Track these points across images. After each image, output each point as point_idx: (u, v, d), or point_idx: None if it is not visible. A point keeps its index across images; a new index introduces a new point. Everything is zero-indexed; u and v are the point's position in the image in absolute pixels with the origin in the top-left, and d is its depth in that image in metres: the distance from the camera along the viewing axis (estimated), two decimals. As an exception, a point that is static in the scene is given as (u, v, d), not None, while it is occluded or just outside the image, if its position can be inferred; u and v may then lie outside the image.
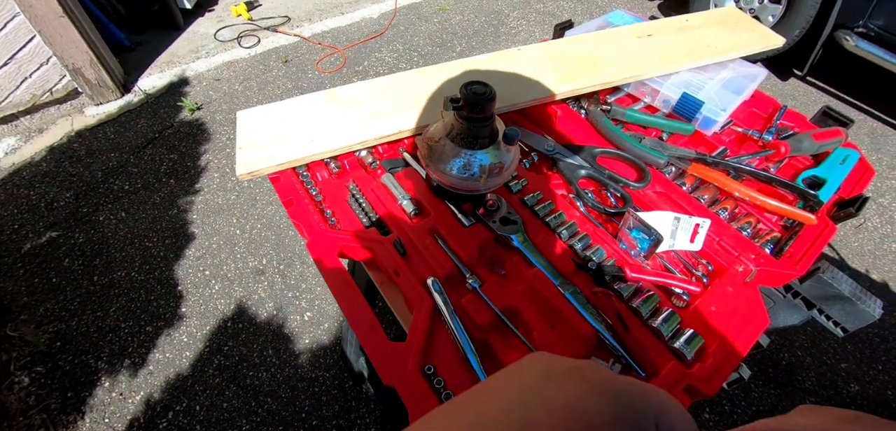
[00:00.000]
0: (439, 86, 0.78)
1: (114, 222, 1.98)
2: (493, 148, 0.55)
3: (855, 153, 0.76)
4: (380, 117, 0.74)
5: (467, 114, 0.51)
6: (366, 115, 0.74)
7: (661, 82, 0.82)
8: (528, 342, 0.54)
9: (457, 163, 0.55)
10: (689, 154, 0.73)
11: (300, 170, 0.70)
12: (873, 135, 2.38)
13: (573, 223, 0.65)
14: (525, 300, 0.58)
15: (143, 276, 1.79)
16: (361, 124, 0.73)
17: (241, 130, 0.73)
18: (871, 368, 1.55)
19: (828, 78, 2.60)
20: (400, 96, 0.77)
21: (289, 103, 0.76)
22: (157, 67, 2.72)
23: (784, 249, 0.64)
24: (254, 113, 0.75)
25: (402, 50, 2.89)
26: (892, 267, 1.84)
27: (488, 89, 0.49)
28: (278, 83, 2.63)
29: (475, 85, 0.49)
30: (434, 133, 0.57)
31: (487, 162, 0.55)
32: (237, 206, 2.03)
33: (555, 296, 0.58)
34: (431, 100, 0.76)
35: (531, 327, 0.55)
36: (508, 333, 0.55)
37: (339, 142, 0.71)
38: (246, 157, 0.69)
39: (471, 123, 0.52)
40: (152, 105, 2.53)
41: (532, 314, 0.57)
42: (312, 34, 2.98)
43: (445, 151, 0.55)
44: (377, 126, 0.72)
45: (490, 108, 0.50)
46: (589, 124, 0.79)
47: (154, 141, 2.34)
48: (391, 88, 0.79)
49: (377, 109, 0.75)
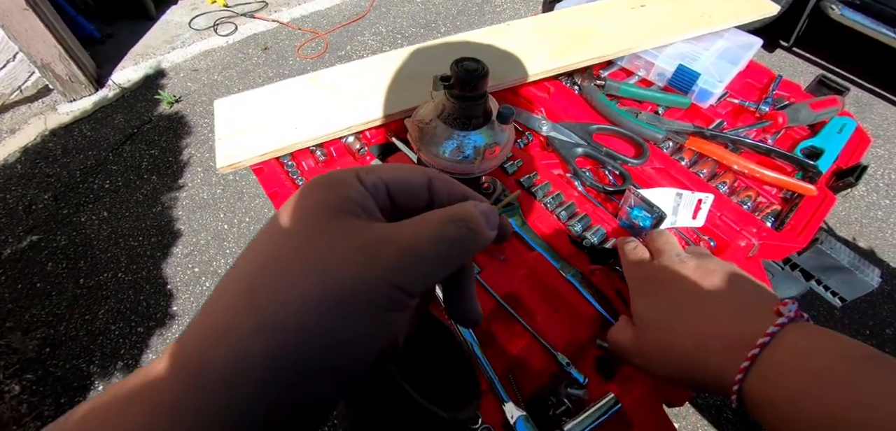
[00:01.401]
0: (428, 66, 0.75)
1: (96, 222, 1.92)
2: (487, 128, 0.52)
3: (852, 122, 0.75)
4: (366, 101, 0.70)
5: (459, 93, 0.48)
6: (352, 99, 0.71)
7: (655, 54, 0.80)
8: (531, 328, 0.52)
9: (449, 145, 0.52)
10: (686, 128, 0.71)
11: (284, 159, 0.67)
12: (858, 103, 2.40)
13: (572, 203, 0.63)
14: (526, 285, 0.56)
15: (130, 276, 1.75)
16: (348, 109, 0.69)
17: (220, 120, 0.69)
18: (859, 334, 1.58)
19: (813, 48, 2.60)
20: (387, 78, 0.74)
21: (270, 89, 0.73)
22: (131, 60, 2.62)
23: (785, 222, 0.62)
24: (232, 101, 0.71)
25: (385, 32, 2.82)
26: (877, 234, 1.87)
27: (480, 65, 0.46)
28: (259, 71, 2.55)
29: (466, 61, 0.46)
30: (424, 115, 0.54)
31: (482, 143, 0.52)
32: (223, 200, 1.98)
33: (556, 280, 0.56)
34: (420, 80, 0.72)
35: (534, 312, 0.53)
36: (511, 320, 0.53)
37: (324, 129, 0.67)
38: (226, 149, 0.65)
39: (463, 102, 0.49)
40: (129, 99, 2.44)
41: (534, 299, 0.55)
42: (292, 19, 2.89)
43: (437, 133, 0.52)
44: (364, 110, 0.69)
45: (483, 86, 0.47)
46: (583, 100, 0.77)
47: (133, 137, 2.26)
48: (377, 70, 0.75)
49: (363, 92, 0.72)
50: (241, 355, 0.17)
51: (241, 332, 0.18)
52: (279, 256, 0.19)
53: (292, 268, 0.19)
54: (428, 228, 0.21)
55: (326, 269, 0.19)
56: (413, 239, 0.20)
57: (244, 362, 0.17)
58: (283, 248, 0.20)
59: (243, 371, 0.17)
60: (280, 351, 0.18)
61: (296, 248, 0.19)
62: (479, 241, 0.22)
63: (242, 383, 0.17)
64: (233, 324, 0.18)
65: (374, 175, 0.22)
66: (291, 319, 0.18)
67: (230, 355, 0.17)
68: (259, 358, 0.17)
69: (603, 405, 0.47)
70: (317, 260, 0.19)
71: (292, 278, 0.19)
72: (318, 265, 0.19)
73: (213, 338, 0.18)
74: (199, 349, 0.18)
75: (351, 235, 0.20)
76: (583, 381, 0.49)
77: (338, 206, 0.20)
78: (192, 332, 0.19)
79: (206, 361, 0.18)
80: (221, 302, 0.19)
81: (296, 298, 0.18)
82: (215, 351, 0.18)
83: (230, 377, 0.17)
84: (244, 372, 0.17)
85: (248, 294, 0.19)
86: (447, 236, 0.21)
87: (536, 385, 0.50)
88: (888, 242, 1.82)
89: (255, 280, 0.19)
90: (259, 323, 0.18)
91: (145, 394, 0.18)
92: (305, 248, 0.19)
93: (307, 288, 0.18)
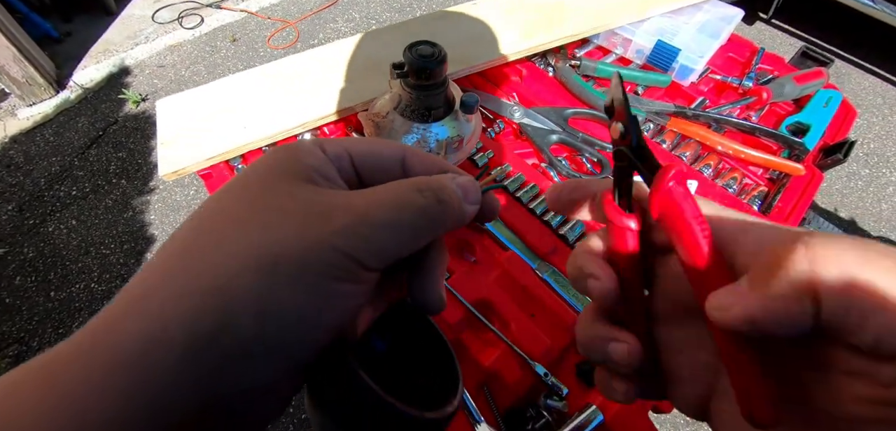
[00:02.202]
0: (389, 52, 0.69)
1: (65, 231, 1.84)
2: (449, 119, 0.47)
3: (838, 94, 0.72)
4: (322, 93, 0.65)
5: (415, 82, 0.43)
6: (307, 93, 0.65)
7: (632, 30, 0.75)
8: (505, 337, 0.48)
9: (409, 139, 0.47)
10: (667, 108, 0.67)
11: (235, 162, 0.61)
12: (837, 74, 2.40)
13: (547, 196, 0.59)
14: (499, 289, 0.51)
15: (104, 286, 1.68)
16: (302, 104, 0.64)
17: (163, 123, 0.63)
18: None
19: (793, 19, 2.59)
20: (344, 68, 0.68)
21: (216, 85, 0.66)
22: (92, 58, 2.50)
23: (773, 204, 0.59)
24: (176, 101, 0.65)
25: (358, 18, 2.74)
26: (858, 204, 1.87)
27: (437, 50, 0.41)
28: (228, 64, 2.45)
29: (421, 45, 0.41)
30: (381, 107, 0.49)
31: (445, 135, 0.48)
32: (198, 202, 1.90)
33: (532, 281, 0.51)
34: (380, 68, 0.67)
35: (508, 319, 0.49)
36: (484, 329, 0.49)
37: (277, 127, 0.62)
38: (169, 154, 0.60)
39: (420, 92, 0.44)
40: (92, 100, 2.33)
41: (508, 304, 0.50)
42: (260, 8, 2.78)
43: (395, 127, 0.47)
44: (320, 104, 0.63)
45: (441, 73, 0.43)
46: (558, 83, 0.72)
47: (98, 140, 2.16)
48: (334, 59, 0.69)
49: (319, 85, 0.66)
50: (157, 323, 0.15)
51: (162, 297, 0.15)
52: (216, 217, 0.17)
53: (227, 229, 0.17)
54: (386, 193, 0.19)
55: (266, 229, 0.16)
56: (370, 204, 0.18)
57: (162, 331, 0.15)
58: (225, 208, 0.18)
59: (160, 341, 0.14)
60: (204, 319, 0.15)
61: (237, 208, 0.17)
62: (450, 215, 0.20)
63: (158, 357, 0.14)
64: (154, 288, 0.16)
65: (338, 145, 0.20)
66: (221, 281, 0.15)
67: (144, 323, 0.15)
68: (181, 325, 0.15)
69: (585, 417, 0.43)
70: (258, 220, 0.17)
71: (226, 238, 0.16)
72: (257, 224, 0.17)
73: (129, 304, 0.16)
74: (113, 319, 0.15)
75: (300, 197, 0.18)
76: (563, 392, 0.45)
77: (293, 171, 0.18)
78: (112, 303, 0.16)
79: (116, 331, 0.15)
80: (151, 265, 0.17)
81: (227, 260, 0.16)
82: (127, 319, 0.15)
83: (141, 350, 0.14)
84: (161, 344, 0.14)
85: (179, 255, 0.17)
86: (409, 203, 0.18)
87: (513, 397, 0.46)
88: (869, 211, 1.83)
89: (189, 240, 0.17)
90: (184, 286, 0.15)
91: (47, 373, 0.15)
92: (246, 208, 0.17)
93: (241, 249, 0.16)
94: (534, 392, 0.46)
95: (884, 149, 2.07)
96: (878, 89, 2.33)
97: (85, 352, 0.15)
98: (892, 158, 2.03)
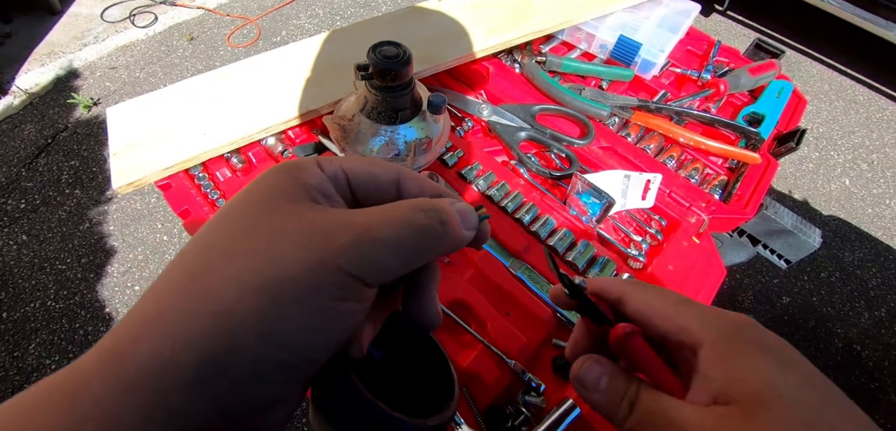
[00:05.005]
0: (353, 52, 0.68)
1: (14, 248, 1.72)
2: (417, 119, 0.47)
3: (789, 85, 0.75)
4: (286, 96, 0.63)
5: (381, 84, 0.42)
6: (269, 96, 0.63)
7: (596, 26, 0.76)
8: (482, 338, 0.47)
9: (376, 142, 0.46)
10: (631, 102, 0.68)
11: (195, 171, 0.59)
12: (788, 64, 2.51)
13: (518, 193, 0.59)
14: (473, 289, 0.51)
15: (61, 304, 1.58)
16: (265, 106, 0.62)
17: (114, 132, 0.59)
18: (798, 281, 1.67)
19: (746, 10, 2.69)
20: (307, 68, 0.66)
21: (171, 90, 0.63)
22: (36, 61, 2.34)
23: (733, 192, 0.61)
24: (128, 108, 0.62)
25: (322, 15, 2.68)
26: (810, 186, 1.98)
27: (401, 50, 0.40)
28: (186, 65, 2.35)
29: (385, 46, 0.40)
30: (346, 110, 0.47)
31: (413, 137, 0.47)
32: (160, 210, 1.82)
33: (506, 279, 0.52)
34: (344, 68, 0.65)
35: (483, 318, 0.49)
36: (460, 330, 0.49)
37: (239, 132, 0.59)
38: (123, 165, 0.56)
39: (386, 94, 0.43)
40: (38, 106, 2.19)
41: (483, 303, 0.50)
42: (218, 5, 2.68)
43: (362, 130, 0.46)
44: (284, 107, 0.61)
45: (406, 74, 0.42)
46: (525, 79, 0.72)
47: (47, 148, 2.04)
48: (296, 60, 0.67)
49: (282, 87, 0.64)
50: (169, 345, 0.15)
51: (172, 320, 0.16)
52: (223, 238, 0.18)
53: (233, 251, 0.17)
54: (392, 213, 0.19)
55: (270, 251, 0.17)
56: (373, 223, 0.18)
57: (173, 354, 0.15)
58: (228, 230, 0.18)
59: (172, 362, 0.15)
60: (212, 342, 0.16)
61: (241, 230, 0.18)
62: (450, 238, 0.20)
63: (171, 376, 0.15)
64: (164, 311, 0.16)
65: (335, 164, 0.21)
66: (227, 305, 0.16)
67: (157, 345, 0.16)
68: (189, 348, 0.15)
69: (562, 411, 0.44)
70: (261, 242, 0.17)
71: (232, 261, 0.17)
72: (261, 246, 0.17)
73: (142, 327, 0.16)
74: (127, 338, 0.16)
75: (302, 217, 0.18)
76: (541, 388, 0.46)
77: (293, 191, 0.19)
78: (124, 320, 0.17)
79: (131, 352, 0.16)
80: (159, 287, 0.17)
81: (233, 282, 0.16)
82: (141, 341, 0.16)
83: (157, 369, 0.15)
84: (173, 365, 0.15)
85: (186, 278, 0.17)
86: (414, 224, 0.19)
87: (492, 396, 0.46)
88: (820, 192, 1.94)
89: (195, 263, 0.17)
90: (192, 309, 0.16)
91: (67, 390, 0.16)
92: (251, 230, 0.18)
93: (247, 272, 0.17)
94: (512, 389, 0.47)
95: (831, 132, 2.19)
96: (826, 76, 2.46)
97: (104, 370, 0.16)
98: (839, 142, 2.15)
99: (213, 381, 0.16)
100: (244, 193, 0.19)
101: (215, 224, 0.19)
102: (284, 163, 0.20)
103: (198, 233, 0.19)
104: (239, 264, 0.17)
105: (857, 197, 1.95)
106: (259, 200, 0.19)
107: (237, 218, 0.18)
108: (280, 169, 0.20)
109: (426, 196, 0.22)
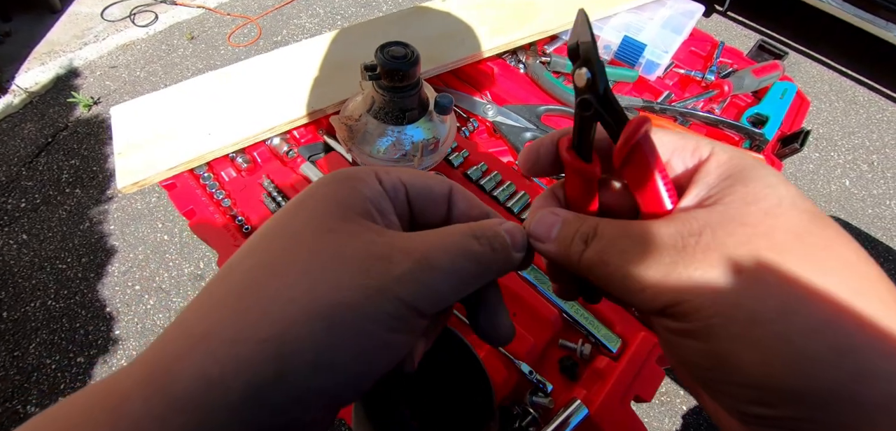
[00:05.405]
0: (359, 51, 0.68)
1: (14, 247, 1.72)
2: (424, 120, 0.47)
3: (792, 86, 0.75)
4: (291, 95, 0.62)
5: (388, 84, 0.42)
6: (274, 95, 0.63)
7: (600, 26, 0.76)
8: (485, 338, 0.48)
9: (383, 142, 0.46)
10: (635, 103, 0.68)
11: (200, 171, 0.58)
12: (789, 65, 2.52)
13: (524, 193, 0.59)
14: (478, 289, 0.51)
15: (61, 303, 1.58)
16: (270, 106, 0.61)
17: (119, 131, 0.59)
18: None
19: (747, 12, 2.70)
20: (314, 68, 0.66)
21: (176, 90, 0.63)
22: (36, 60, 2.34)
23: (738, 193, 0.61)
24: (133, 107, 0.61)
25: (323, 14, 2.67)
26: (809, 186, 1.98)
27: (409, 51, 0.40)
28: (187, 64, 2.35)
29: (393, 46, 0.40)
30: (353, 110, 0.47)
31: (420, 137, 0.47)
32: (160, 209, 1.82)
33: (513, 280, 0.52)
34: (351, 68, 0.65)
35: (488, 319, 0.49)
36: (467, 331, 0.49)
37: (244, 132, 0.59)
38: (128, 165, 0.56)
39: (394, 94, 0.43)
40: (38, 105, 2.19)
41: (488, 304, 0.50)
42: (219, 4, 2.67)
43: (368, 130, 0.46)
44: (289, 106, 0.61)
45: (414, 74, 0.42)
46: (530, 80, 0.72)
47: (47, 147, 2.04)
48: (302, 59, 0.67)
49: (287, 86, 0.64)
50: (215, 369, 0.15)
51: (220, 341, 0.15)
52: (275, 256, 0.17)
53: (287, 272, 0.16)
54: (448, 239, 0.19)
55: (326, 275, 0.16)
56: (430, 250, 0.18)
57: (219, 377, 0.15)
58: (281, 248, 0.17)
59: (218, 387, 0.15)
60: (261, 368, 0.15)
61: (295, 248, 0.17)
62: (503, 263, 0.20)
63: (216, 400, 0.15)
64: (210, 332, 0.16)
65: (394, 176, 0.20)
66: (280, 330, 0.15)
67: (203, 368, 0.15)
68: (238, 372, 0.15)
69: (570, 412, 0.44)
70: (317, 264, 0.17)
71: (285, 283, 0.16)
72: (317, 269, 0.16)
73: (187, 346, 0.16)
74: (173, 357, 0.16)
75: (360, 239, 0.17)
76: (548, 389, 0.46)
77: (351, 205, 0.18)
78: (168, 336, 0.16)
79: (176, 372, 0.15)
80: (205, 303, 0.17)
81: (286, 306, 0.16)
82: (186, 362, 0.15)
83: (202, 393, 0.15)
84: (219, 389, 0.15)
85: (234, 297, 0.16)
86: (468, 252, 0.18)
87: (500, 396, 0.46)
88: (820, 193, 1.94)
89: (244, 282, 0.17)
90: (240, 332, 0.15)
91: (107, 407, 0.15)
92: (306, 250, 0.17)
93: (300, 295, 0.16)
94: (519, 390, 0.47)
95: (831, 133, 2.19)
96: (826, 77, 2.46)
97: (146, 390, 0.15)
98: (839, 142, 2.16)
99: (256, 406, 0.15)
100: (298, 206, 0.19)
101: (268, 239, 0.18)
102: (341, 172, 0.20)
103: (247, 246, 0.18)
104: (293, 286, 0.16)
105: (858, 197, 1.95)
106: (315, 214, 0.18)
107: (291, 233, 0.18)
108: (337, 178, 0.19)
109: (474, 214, 0.22)
